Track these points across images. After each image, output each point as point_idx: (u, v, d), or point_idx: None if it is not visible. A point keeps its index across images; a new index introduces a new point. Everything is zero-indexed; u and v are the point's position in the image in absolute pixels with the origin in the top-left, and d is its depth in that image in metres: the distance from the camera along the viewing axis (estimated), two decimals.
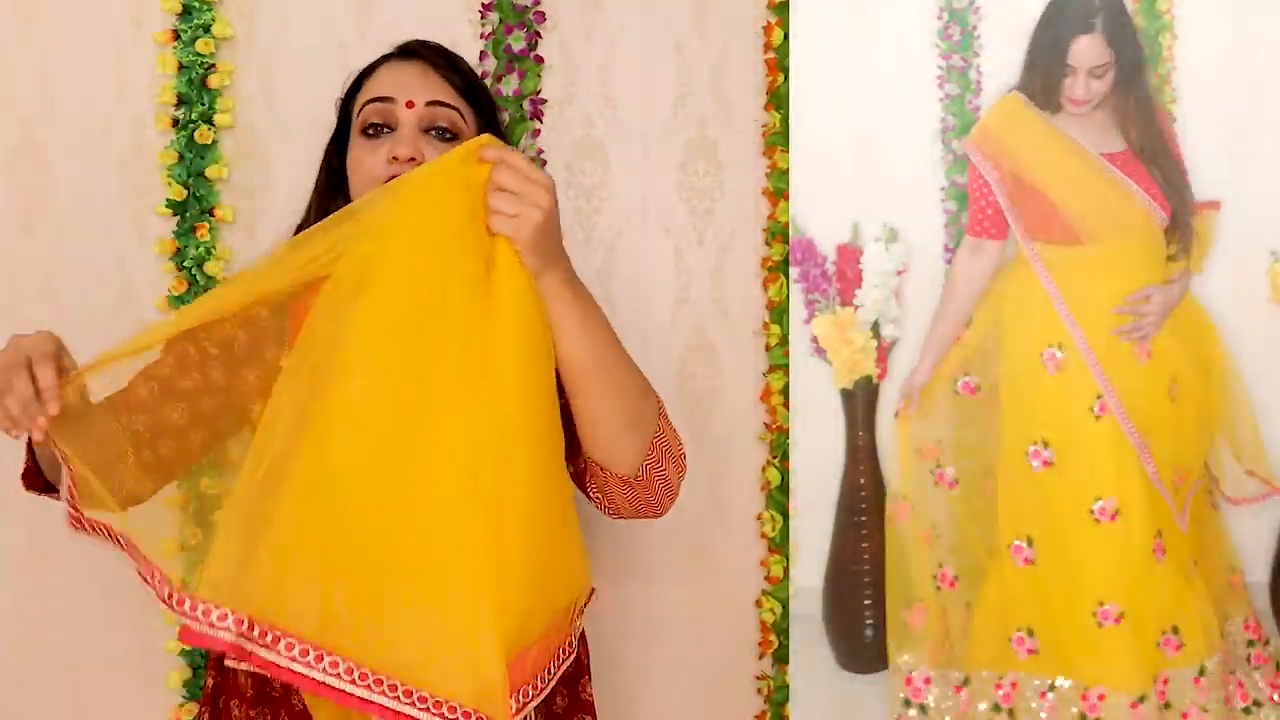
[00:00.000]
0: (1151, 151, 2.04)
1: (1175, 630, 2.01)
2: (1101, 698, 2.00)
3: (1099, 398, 2.01)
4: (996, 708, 2.07)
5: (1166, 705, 2.00)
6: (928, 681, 2.12)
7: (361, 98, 1.53)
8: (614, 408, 1.37)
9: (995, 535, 2.10)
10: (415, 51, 1.56)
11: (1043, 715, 2.04)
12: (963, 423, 2.11)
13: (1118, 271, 2.05)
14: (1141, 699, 1.99)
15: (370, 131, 1.48)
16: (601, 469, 1.40)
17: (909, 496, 2.12)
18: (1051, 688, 2.04)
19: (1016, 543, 2.05)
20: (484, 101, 1.57)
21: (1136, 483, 2.00)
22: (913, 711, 2.11)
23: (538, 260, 1.31)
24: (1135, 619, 2.00)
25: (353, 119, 1.53)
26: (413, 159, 1.43)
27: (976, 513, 2.10)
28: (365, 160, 1.46)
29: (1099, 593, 2.01)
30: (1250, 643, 2.13)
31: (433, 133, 1.48)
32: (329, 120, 1.55)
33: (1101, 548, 2.01)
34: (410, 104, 1.48)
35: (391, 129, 1.48)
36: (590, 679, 1.63)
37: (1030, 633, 2.05)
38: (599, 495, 1.44)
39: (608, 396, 1.37)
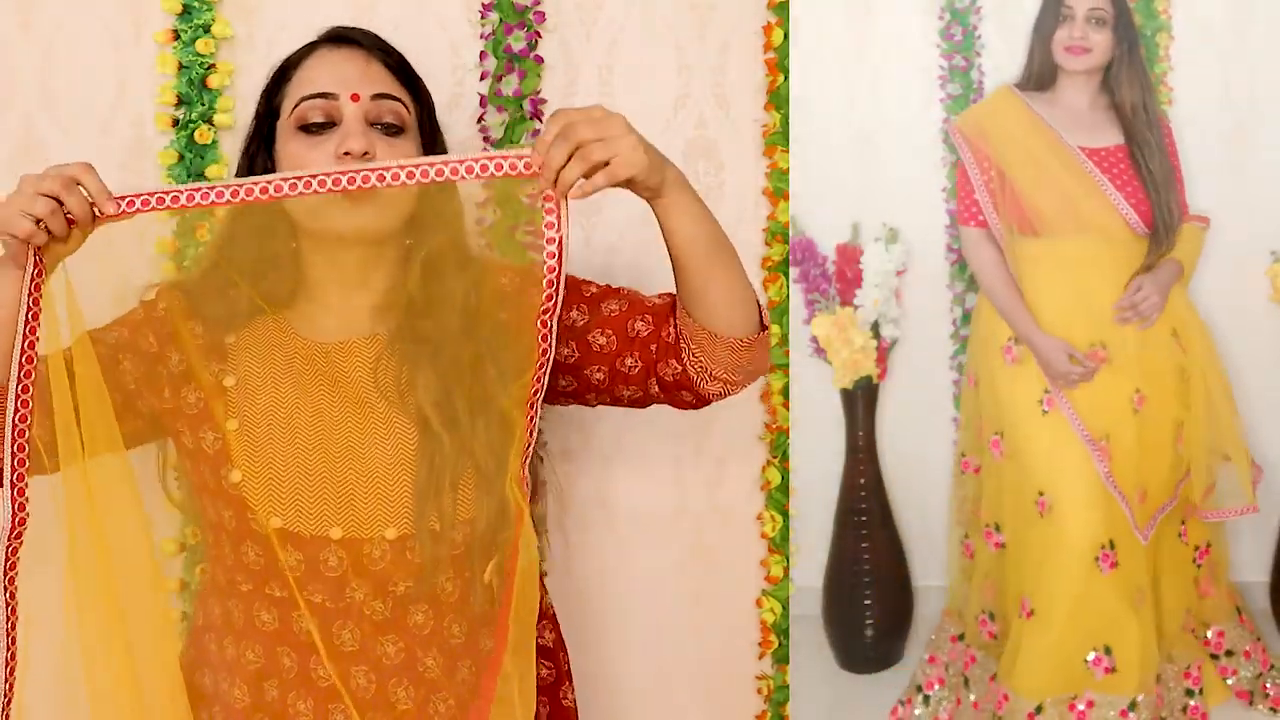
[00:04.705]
0: (1145, 141, 2.03)
1: (1108, 651, 1.98)
2: (1005, 698, 1.99)
3: (1046, 392, 2.01)
4: (960, 674, 2.10)
5: None
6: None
7: (295, 92, 1.43)
8: (739, 275, 1.41)
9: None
10: (349, 38, 1.47)
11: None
12: None
13: (1071, 269, 2.04)
14: (1039, 710, 1.97)
15: (311, 129, 1.40)
16: (717, 337, 1.41)
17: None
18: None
19: (987, 527, 2.07)
20: (420, 88, 1.49)
21: (1084, 483, 1.99)
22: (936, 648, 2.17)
23: (658, 173, 1.31)
24: (1051, 621, 1.98)
25: (282, 114, 1.44)
26: (366, 153, 1.36)
27: None
28: (308, 158, 1.37)
29: (1024, 586, 2.01)
30: (1189, 692, 2.09)
31: (378, 127, 1.41)
32: None
33: (1038, 541, 2.01)
34: (356, 97, 1.40)
35: (334, 123, 1.40)
36: (572, 685, 1.61)
37: (991, 616, 2.07)
38: (697, 365, 1.42)
39: (731, 267, 1.40)
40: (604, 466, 1.96)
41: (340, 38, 1.47)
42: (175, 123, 1.82)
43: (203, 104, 1.81)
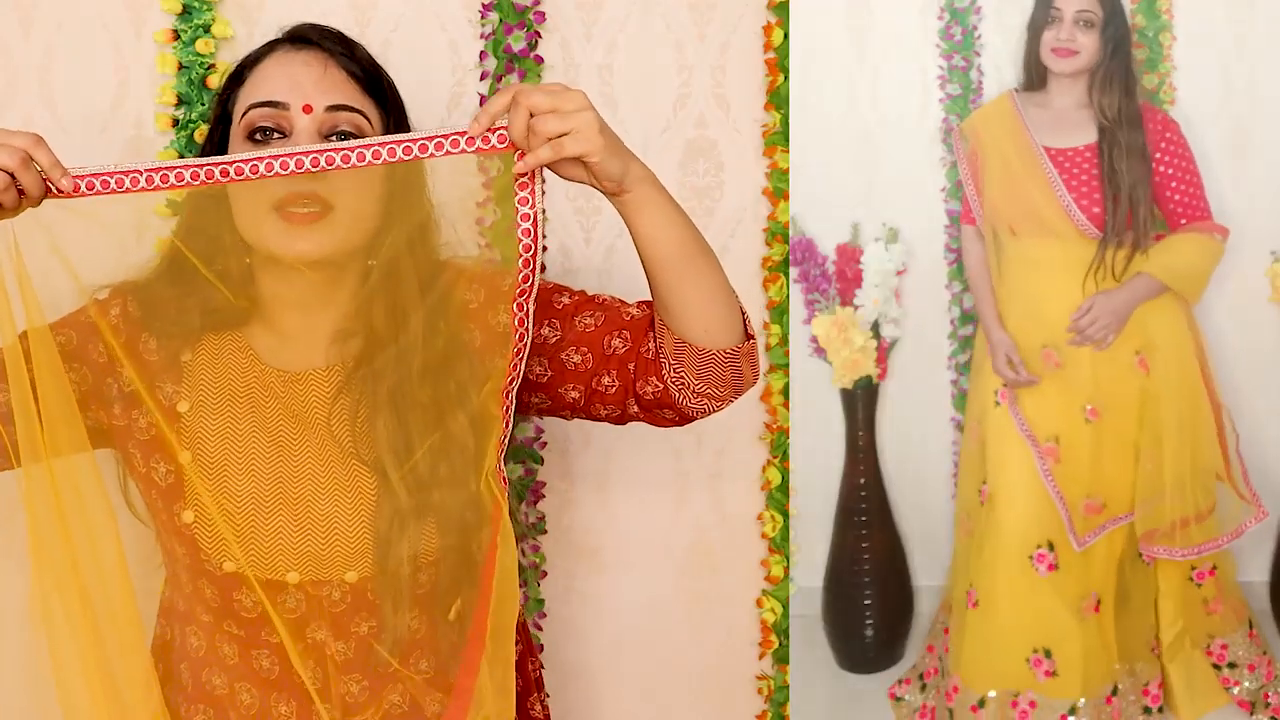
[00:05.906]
0: (1117, 142, 2.02)
1: (1048, 654, 1.97)
2: (956, 689, 2.00)
3: (1004, 385, 2.04)
4: (940, 667, 2.12)
5: None
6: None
7: (246, 97, 1.32)
8: (718, 282, 1.31)
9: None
10: (309, 39, 1.35)
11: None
12: None
13: (1029, 270, 2.06)
14: (981, 703, 1.98)
15: (257, 137, 1.30)
16: (697, 349, 1.31)
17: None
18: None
19: (958, 514, 2.11)
20: (388, 94, 1.38)
21: (1021, 479, 2.00)
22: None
23: (618, 160, 1.21)
24: (993, 615, 1.99)
25: (233, 120, 1.33)
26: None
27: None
28: None
29: (971, 574, 2.04)
30: (1147, 710, 2.07)
31: (334, 138, 1.29)
32: None
33: (980, 530, 2.04)
34: (308, 108, 1.29)
35: (284, 134, 1.29)
36: (543, 693, 1.57)
37: (950, 608, 2.10)
38: (678, 381, 1.33)
39: (709, 273, 1.30)
40: (603, 466, 1.97)
41: (300, 38, 1.36)
42: (175, 123, 1.82)
43: (203, 104, 1.81)
